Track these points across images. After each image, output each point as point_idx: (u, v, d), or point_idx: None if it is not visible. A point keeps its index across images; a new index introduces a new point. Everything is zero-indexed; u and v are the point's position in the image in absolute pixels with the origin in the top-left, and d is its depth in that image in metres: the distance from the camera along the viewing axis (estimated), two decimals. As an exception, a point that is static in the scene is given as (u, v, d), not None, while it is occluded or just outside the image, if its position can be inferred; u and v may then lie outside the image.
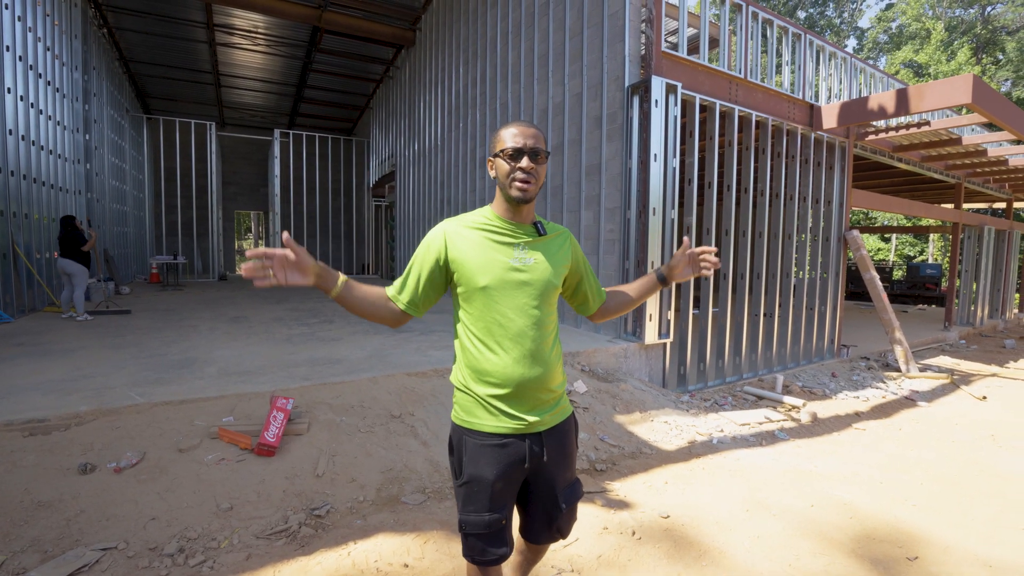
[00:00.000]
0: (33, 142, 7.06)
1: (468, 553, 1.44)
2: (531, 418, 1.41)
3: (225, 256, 17.49)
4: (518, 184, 1.36)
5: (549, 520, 1.49)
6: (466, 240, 1.41)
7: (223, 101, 16.22)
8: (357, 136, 18.41)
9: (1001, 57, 26.65)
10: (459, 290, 1.43)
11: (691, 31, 8.98)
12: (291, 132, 15.98)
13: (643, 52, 5.13)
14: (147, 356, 4.52)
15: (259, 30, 11.95)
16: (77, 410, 3.06)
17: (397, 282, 1.47)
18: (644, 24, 5.12)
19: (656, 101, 4.90)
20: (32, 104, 7.07)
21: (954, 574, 2.32)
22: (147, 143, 14.76)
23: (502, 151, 1.38)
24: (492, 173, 1.43)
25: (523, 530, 1.56)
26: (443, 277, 1.44)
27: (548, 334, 1.45)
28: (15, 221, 6.50)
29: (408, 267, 1.46)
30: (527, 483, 1.49)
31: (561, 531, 1.53)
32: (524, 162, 1.35)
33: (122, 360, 4.34)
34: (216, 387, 3.59)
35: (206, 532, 2.33)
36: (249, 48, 12.66)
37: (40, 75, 7.39)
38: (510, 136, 1.37)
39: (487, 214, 1.46)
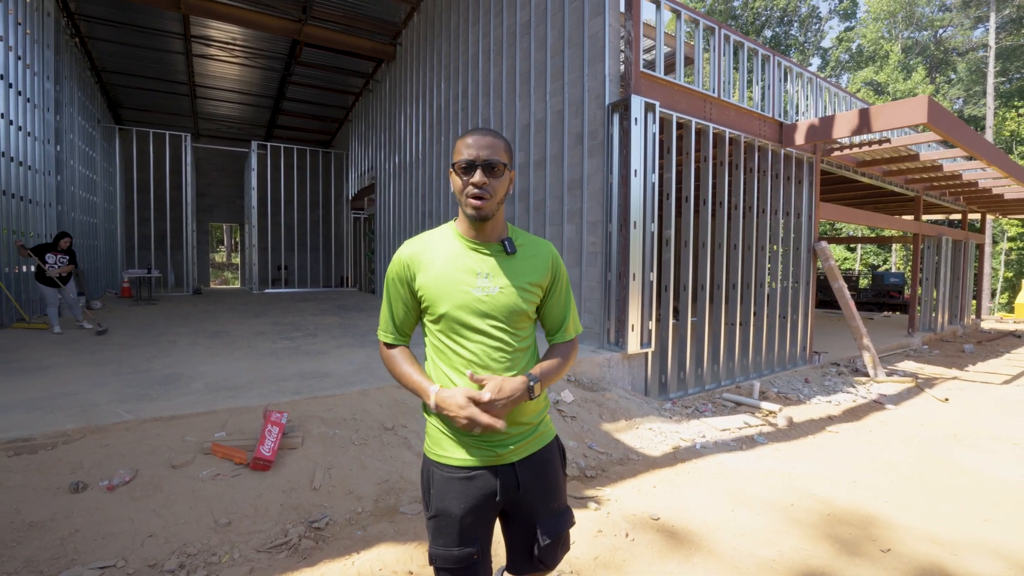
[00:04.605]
0: (3, 153, 6.87)
1: None
2: (500, 449, 1.31)
3: (199, 270, 17.12)
4: (471, 201, 1.24)
5: (529, 553, 1.38)
6: (429, 263, 1.32)
7: (198, 112, 15.99)
8: (336, 148, 18.33)
9: (953, 76, 28.25)
10: (425, 316, 1.37)
11: (666, 49, 9.31)
12: (268, 144, 15.82)
13: (623, 71, 5.34)
14: (129, 372, 4.44)
15: (237, 42, 11.87)
16: (63, 428, 3.01)
17: (382, 323, 1.43)
18: (623, 44, 5.34)
19: (636, 119, 5.09)
20: (2, 114, 6.89)
21: (918, 553, 2.56)
22: (119, 154, 14.42)
23: (455, 163, 1.26)
24: (453, 187, 1.30)
25: (507, 562, 1.44)
26: (415, 301, 1.37)
27: (518, 362, 1.34)
28: (-17, 235, 6.32)
29: (384, 303, 1.42)
30: (506, 513, 1.39)
31: (545, 563, 1.39)
32: (477, 176, 1.23)
33: (103, 377, 4.26)
34: (205, 403, 3.57)
35: (206, 547, 2.34)
36: (227, 60, 12.56)
37: (11, 84, 7.21)
38: (464, 147, 1.25)
39: (449, 233, 1.36)
